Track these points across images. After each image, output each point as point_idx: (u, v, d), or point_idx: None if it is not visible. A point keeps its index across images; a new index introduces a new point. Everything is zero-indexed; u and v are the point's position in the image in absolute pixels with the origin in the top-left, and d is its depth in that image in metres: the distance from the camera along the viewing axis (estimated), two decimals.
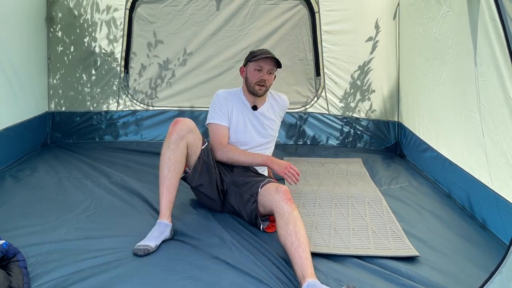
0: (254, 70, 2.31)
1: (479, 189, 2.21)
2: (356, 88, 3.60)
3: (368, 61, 3.52)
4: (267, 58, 2.29)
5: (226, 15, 3.57)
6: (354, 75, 3.57)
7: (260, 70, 2.30)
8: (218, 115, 2.32)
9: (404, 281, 1.67)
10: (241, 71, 2.42)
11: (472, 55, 2.16)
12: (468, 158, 2.33)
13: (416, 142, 3.13)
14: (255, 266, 1.75)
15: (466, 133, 2.33)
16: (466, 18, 2.21)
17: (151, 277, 1.68)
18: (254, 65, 2.31)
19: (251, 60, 2.33)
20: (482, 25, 2.05)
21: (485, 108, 2.08)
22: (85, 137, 3.61)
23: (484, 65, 2.05)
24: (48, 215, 2.17)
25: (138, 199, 2.43)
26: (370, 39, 3.47)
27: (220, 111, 2.33)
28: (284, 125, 3.75)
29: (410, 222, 2.25)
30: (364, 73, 3.56)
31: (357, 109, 3.64)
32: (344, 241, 1.99)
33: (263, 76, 2.31)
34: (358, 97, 3.62)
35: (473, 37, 2.15)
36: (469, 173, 2.32)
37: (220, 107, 2.33)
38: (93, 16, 3.45)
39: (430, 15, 2.73)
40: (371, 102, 3.60)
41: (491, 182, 2.09)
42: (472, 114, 2.21)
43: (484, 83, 2.07)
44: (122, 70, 3.59)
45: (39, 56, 3.32)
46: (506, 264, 1.46)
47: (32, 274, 1.65)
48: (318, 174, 2.93)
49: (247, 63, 2.37)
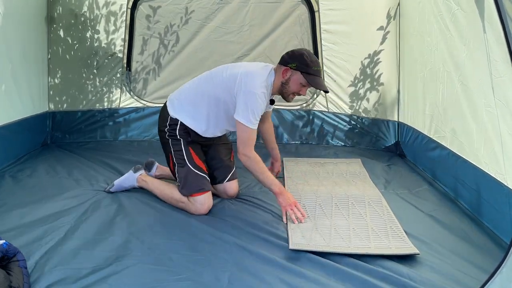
0: (300, 83, 2.25)
1: (492, 187, 2.17)
2: (356, 85, 3.60)
3: (366, 60, 3.52)
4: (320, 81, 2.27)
5: (227, 13, 3.58)
6: (355, 71, 3.57)
7: (305, 86, 2.26)
8: (256, 121, 2.21)
9: (404, 281, 1.67)
10: (283, 72, 2.25)
11: (485, 52, 2.14)
12: (484, 155, 2.28)
13: (422, 141, 3.10)
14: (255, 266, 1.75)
15: (482, 130, 2.27)
16: (477, 15, 2.19)
17: (150, 277, 1.68)
18: (303, 80, 2.23)
19: (304, 72, 2.21)
20: (493, 23, 2.03)
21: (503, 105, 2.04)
22: (86, 136, 3.62)
23: (499, 62, 2.02)
24: (48, 215, 2.17)
25: (138, 199, 2.43)
26: (370, 39, 3.47)
27: (259, 116, 2.23)
28: (283, 123, 3.76)
29: (410, 222, 2.24)
30: (363, 72, 3.56)
31: (356, 107, 3.64)
32: (345, 240, 1.99)
33: (303, 92, 2.29)
34: (357, 95, 3.63)
35: (485, 34, 2.13)
36: (484, 170, 2.26)
37: (260, 112, 2.22)
38: (94, 14, 3.46)
39: (435, 13, 2.70)
40: (370, 101, 3.60)
41: (506, 178, 2.07)
42: (490, 110, 2.18)
43: (502, 80, 2.04)
44: (124, 68, 3.60)
45: (39, 55, 3.32)
46: (506, 264, 1.46)
47: (32, 274, 1.65)
48: (318, 175, 2.93)
49: (295, 69, 2.22)
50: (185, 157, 2.33)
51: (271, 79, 2.28)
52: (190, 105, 2.36)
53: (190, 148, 2.35)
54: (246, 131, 2.20)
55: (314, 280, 1.68)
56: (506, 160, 2.07)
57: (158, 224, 2.14)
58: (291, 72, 2.24)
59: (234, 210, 2.34)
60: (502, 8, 1.76)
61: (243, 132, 2.21)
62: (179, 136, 2.35)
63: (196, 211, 2.25)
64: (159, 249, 1.88)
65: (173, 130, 2.36)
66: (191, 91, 2.39)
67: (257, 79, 2.21)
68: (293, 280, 1.68)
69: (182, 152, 2.34)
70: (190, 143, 2.37)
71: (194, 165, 2.32)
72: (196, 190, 2.26)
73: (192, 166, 2.32)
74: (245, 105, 2.18)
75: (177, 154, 2.35)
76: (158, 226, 2.12)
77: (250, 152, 2.22)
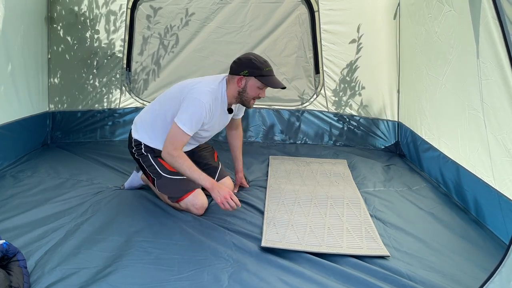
0: (257, 87, 2.24)
1: (482, 188, 2.20)
2: (348, 85, 3.61)
3: (366, 58, 3.52)
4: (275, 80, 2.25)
5: (227, 13, 3.58)
6: (345, 72, 3.58)
7: (262, 88, 2.26)
8: (192, 128, 2.18)
9: (404, 281, 1.68)
10: (238, 81, 2.24)
11: (475, 55, 2.16)
12: (471, 157, 2.32)
13: (417, 142, 3.13)
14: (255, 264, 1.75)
15: (469, 132, 2.32)
16: (468, 17, 2.20)
17: (150, 277, 1.68)
18: (259, 83, 2.23)
19: (258, 76, 2.22)
20: (484, 24, 2.05)
21: (489, 107, 2.08)
22: (86, 136, 3.62)
23: (488, 64, 2.05)
24: (48, 215, 2.17)
25: (139, 199, 2.43)
26: (371, 38, 3.47)
27: (197, 124, 2.19)
28: (282, 122, 3.77)
29: (410, 222, 2.25)
30: (362, 69, 3.56)
31: (356, 107, 3.64)
32: (318, 239, 2.00)
33: (262, 94, 2.28)
34: (355, 94, 3.63)
35: (476, 36, 2.15)
36: (472, 172, 2.31)
37: (198, 120, 2.18)
38: (94, 14, 3.46)
39: (432, 15, 2.72)
40: (370, 101, 3.60)
41: (494, 181, 2.09)
42: (476, 113, 2.21)
43: (488, 83, 2.07)
44: (124, 68, 3.60)
45: (39, 55, 3.31)
46: (505, 264, 1.46)
47: (32, 274, 1.65)
48: (302, 174, 2.93)
49: (249, 75, 2.22)
50: (158, 169, 2.34)
51: (222, 89, 2.28)
52: (148, 125, 2.40)
53: (159, 159, 2.35)
54: (179, 133, 2.16)
55: (314, 280, 1.69)
56: (493, 164, 2.08)
57: (158, 224, 2.14)
58: (245, 79, 2.24)
59: (228, 218, 2.31)
60: (501, 9, 1.77)
61: (175, 133, 2.17)
62: (145, 153, 2.38)
63: (192, 213, 2.25)
64: (159, 249, 1.88)
65: (139, 149, 2.40)
66: (148, 112, 2.44)
67: (205, 88, 2.22)
68: (293, 280, 1.69)
69: (154, 166, 2.36)
70: (158, 156, 2.36)
71: (168, 172, 2.33)
72: (181, 194, 2.27)
73: (168, 174, 2.33)
74: (185, 109, 2.17)
75: (150, 169, 2.37)
76: (158, 226, 2.12)
77: (174, 150, 2.17)
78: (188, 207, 2.26)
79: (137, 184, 2.58)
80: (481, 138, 2.17)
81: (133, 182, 2.58)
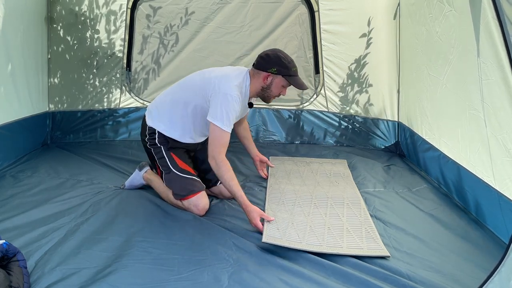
0: (282, 86, 2.27)
1: (482, 188, 2.20)
2: (353, 83, 3.60)
3: (364, 57, 3.52)
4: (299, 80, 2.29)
5: (227, 13, 3.58)
6: (351, 67, 3.57)
7: (285, 87, 2.29)
8: (230, 124, 2.18)
9: (404, 281, 1.68)
10: (264, 78, 2.25)
11: (475, 55, 2.16)
12: (472, 157, 2.32)
13: (418, 142, 3.12)
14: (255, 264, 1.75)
15: (469, 132, 2.32)
16: (469, 17, 2.20)
17: (150, 277, 1.68)
18: (284, 82, 2.26)
19: (285, 75, 2.24)
20: (485, 24, 2.05)
21: (489, 107, 2.08)
22: (86, 136, 3.62)
23: (488, 64, 2.05)
24: (48, 215, 2.17)
25: (139, 199, 2.43)
26: (370, 37, 3.46)
27: (234, 119, 2.21)
28: (282, 122, 3.76)
29: (410, 222, 2.25)
30: (362, 68, 3.55)
31: (354, 106, 3.64)
32: (318, 238, 2.00)
33: (284, 93, 2.32)
34: (355, 93, 3.62)
35: (476, 36, 2.14)
36: (472, 172, 2.31)
37: (235, 115, 2.20)
38: (94, 14, 3.46)
39: (432, 14, 2.72)
40: (369, 100, 3.60)
41: (494, 181, 2.09)
42: (476, 113, 2.21)
43: (488, 82, 2.06)
44: (124, 68, 3.60)
45: (39, 55, 3.31)
46: (505, 264, 1.46)
47: (32, 274, 1.65)
48: (302, 174, 2.93)
49: (276, 74, 2.23)
50: (169, 163, 2.35)
51: (246, 82, 2.29)
52: (166, 113, 2.38)
53: (172, 153, 2.36)
54: (219, 133, 2.16)
55: (314, 280, 1.69)
56: (493, 164, 2.08)
57: (158, 224, 2.14)
58: (272, 77, 2.25)
59: (233, 210, 2.34)
60: (501, 10, 1.77)
61: (216, 134, 2.17)
62: (159, 144, 2.38)
63: (193, 213, 2.26)
64: (159, 249, 1.88)
65: (153, 139, 2.39)
66: (166, 100, 2.42)
67: (232, 82, 2.22)
68: (292, 280, 1.69)
69: (165, 159, 2.36)
70: (171, 149, 2.39)
71: (179, 169, 2.33)
72: (186, 193, 2.27)
73: (177, 171, 2.33)
74: (220, 107, 2.15)
75: (161, 162, 2.37)
76: (158, 226, 2.12)
77: (219, 155, 2.15)
78: (190, 207, 2.26)
79: (138, 183, 2.58)
80: (482, 138, 2.17)
81: (134, 181, 2.58)
